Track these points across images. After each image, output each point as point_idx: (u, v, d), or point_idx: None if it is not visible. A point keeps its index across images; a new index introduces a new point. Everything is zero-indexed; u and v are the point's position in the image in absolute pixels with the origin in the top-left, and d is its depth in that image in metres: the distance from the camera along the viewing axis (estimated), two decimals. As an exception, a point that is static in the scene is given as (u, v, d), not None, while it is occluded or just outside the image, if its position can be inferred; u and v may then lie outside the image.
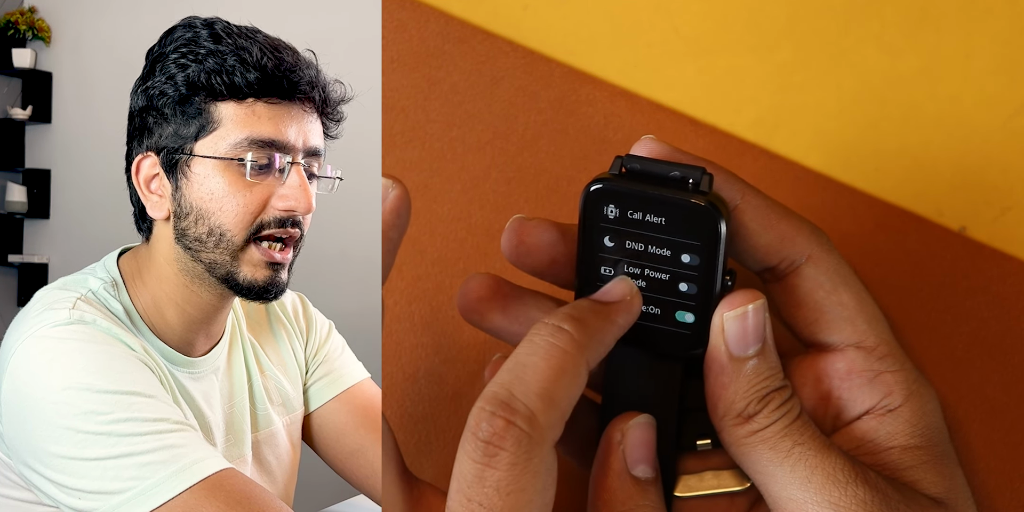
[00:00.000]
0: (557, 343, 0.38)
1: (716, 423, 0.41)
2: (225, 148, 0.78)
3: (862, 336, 0.42)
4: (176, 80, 0.78)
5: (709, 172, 0.40)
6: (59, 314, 0.76)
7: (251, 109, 0.78)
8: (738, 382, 0.40)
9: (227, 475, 0.72)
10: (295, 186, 0.79)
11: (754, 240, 0.41)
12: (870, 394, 0.42)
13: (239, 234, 0.79)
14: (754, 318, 0.40)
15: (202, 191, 0.79)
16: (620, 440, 0.41)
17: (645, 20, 0.55)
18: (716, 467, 0.44)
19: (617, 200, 0.40)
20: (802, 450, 0.40)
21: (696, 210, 0.39)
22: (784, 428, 0.40)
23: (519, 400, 0.37)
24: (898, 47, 0.53)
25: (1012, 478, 0.48)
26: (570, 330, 0.39)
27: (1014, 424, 0.49)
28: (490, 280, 0.42)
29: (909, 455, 0.42)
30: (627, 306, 0.41)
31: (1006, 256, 0.52)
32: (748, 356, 0.40)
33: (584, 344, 0.39)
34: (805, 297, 0.42)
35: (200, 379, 0.86)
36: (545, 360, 0.38)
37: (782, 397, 0.40)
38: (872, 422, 0.42)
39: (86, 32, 3.46)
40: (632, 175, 0.40)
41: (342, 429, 0.98)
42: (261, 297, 0.81)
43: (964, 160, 0.52)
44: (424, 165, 0.55)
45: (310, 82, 0.80)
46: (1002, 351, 0.50)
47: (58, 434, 0.71)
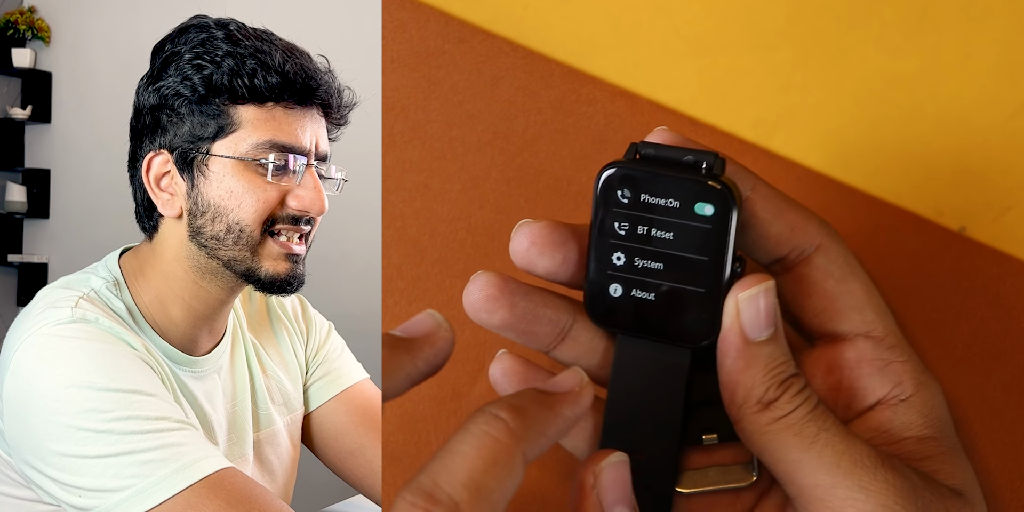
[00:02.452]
0: (491, 432, 0.36)
1: (734, 412, 0.40)
2: (246, 149, 0.79)
3: (871, 326, 0.42)
4: (193, 81, 0.79)
5: (722, 157, 0.40)
6: (61, 312, 0.76)
7: (271, 113, 0.80)
8: (755, 367, 0.40)
9: (227, 474, 0.72)
10: (310, 188, 0.81)
11: (765, 229, 0.41)
12: (881, 383, 0.42)
13: (256, 229, 0.80)
14: (766, 300, 0.40)
15: (220, 189, 0.79)
16: (593, 483, 0.40)
17: (645, 20, 0.55)
18: (721, 462, 0.44)
19: (631, 183, 0.40)
20: (827, 436, 0.39)
21: (709, 191, 0.39)
22: (808, 414, 0.39)
23: (443, 490, 0.35)
24: (898, 47, 0.53)
25: (1012, 478, 0.48)
26: (507, 419, 0.37)
27: (1014, 424, 0.49)
28: (497, 278, 0.42)
29: (924, 446, 0.41)
30: (574, 397, 0.39)
31: (1006, 256, 0.52)
32: (763, 340, 0.40)
33: (521, 435, 0.37)
34: (815, 286, 0.42)
35: (203, 378, 0.86)
36: (476, 449, 0.36)
37: (800, 384, 0.40)
38: (886, 412, 0.42)
39: (86, 32, 3.46)
40: (646, 160, 0.40)
41: (341, 429, 0.98)
42: (283, 290, 0.83)
43: (964, 160, 0.52)
44: (424, 165, 0.55)
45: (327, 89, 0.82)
46: (1002, 351, 0.50)
47: (59, 432, 0.71)
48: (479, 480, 0.35)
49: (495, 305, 0.41)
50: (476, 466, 0.36)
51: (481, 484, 0.35)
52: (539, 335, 0.42)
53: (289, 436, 0.96)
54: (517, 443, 0.37)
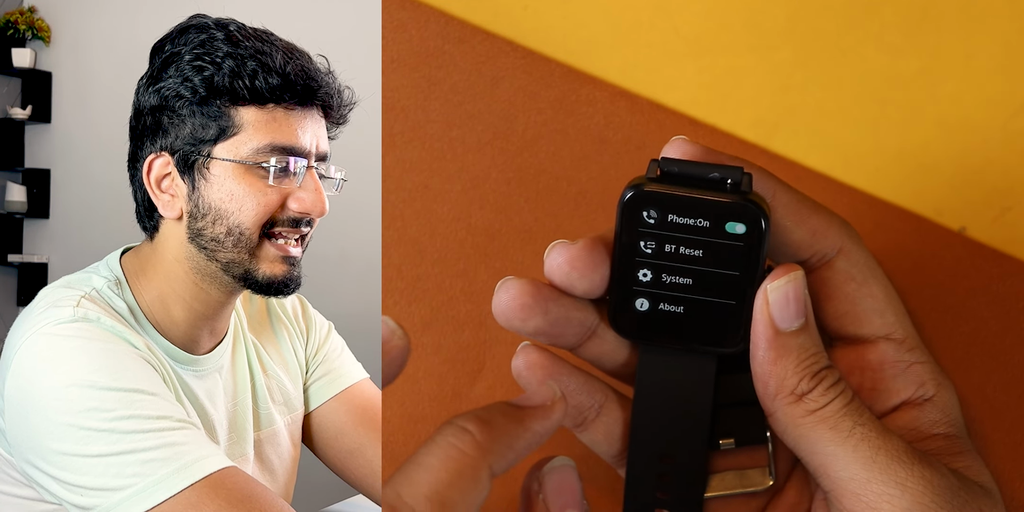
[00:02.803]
0: (457, 444, 0.36)
1: (768, 404, 0.40)
2: (247, 152, 0.79)
3: (891, 328, 0.42)
4: (193, 82, 0.79)
5: (747, 172, 0.40)
6: (63, 312, 0.76)
7: (271, 114, 0.79)
8: (787, 358, 0.40)
9: (228, 473, 0.72)
10: (311, 190, 0.81)
11: (787, 236, 0.41)
12: (904, 384, 0.42)
13: (256, 232, 0.80)
14: (796, 289, 0.40)
15: (222, 192, 0.79)
16: (539, 489, 0.40)
17: (645, 20, 0.55)
18: (738, 466, 0.44)
19: (657, 204, 0.39)
20: (864, 430, 0.39)
21: (740, 210, 0.39)
22: (843, 407, 0.39)
23: (406, 503, 0.35)
24: (898, 47, 0.53)
25: (1012, 478, 0.48)
26: (474, 432, 0.37)
27: (1014, 424, 0.49)
28: (530, 286, 0.41)
29: (952, 443, 0.42)
30: (545, 412, 0.39)
31: (1006, 256, 0.52)
32: (795, 330, 0.40)
33: (487, 448, 0.37)
34: (836, 290, 0.42)
35: (204, 377, 0.86)
36: (442, 461, 0.36)
37: (833, 377, 0.40)
38: (912, 412, 0.42)
39: (86, 32, 3.45)
40: (669, 178, 0.40)
41: (341, 428, 0.98)
42: (281, 292, 0.82)
43: (964, 160, 0.52)
44: (424, 165, 0.55)
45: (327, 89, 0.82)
46: (1002, 351, 0.50)
47: (60, 431, 0.71)
48: (443, 493, 0.35)
49: (529, 313, 0.41)
50: (441, 479, 0.36)
51: (445, 497, 0.35)
52: (568, 337, 0.42)
53: (290, 435, 0.96)
54: (484, 456, 0.37)
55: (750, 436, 0.42)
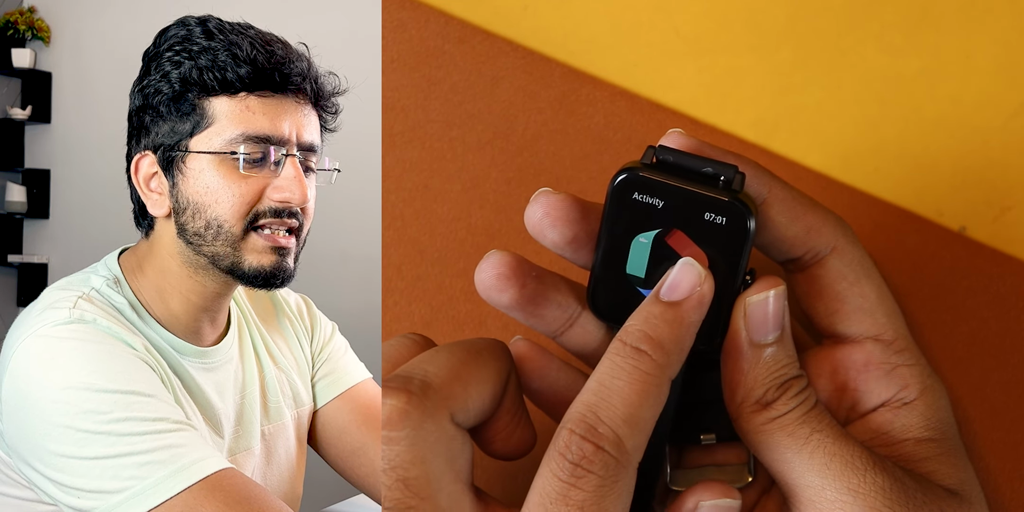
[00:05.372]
0: (640, 366, 0.38)
1: (733, 411, 0.41)
2: (220, 143, 0.78)
3: (881, 329, 0.42)
4: (170, 78, 0.79)
5: (741, 171, 0.40)
6: (59, 313, 0.76)
7: (244, 103, 0.79)
8: (757, 369, 0.40)
9: (226, 475, 0.72)
10: (290, 178, 0.79)
11: (781, 232, 0.41)
12: (886, 387, 0.42)
13: (236, 224, 0.79)
14: (775, 304, 0.40)
15: (197, 185, 0.79)
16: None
17: (645, 20, 0.55)
18: (719, 462, 0.44)
19: (648, 190, 0.40)
20: (820, 437, 0.39)
21: (726, 208, 0.39)
22: (802, 415, 0.40)
23: (606, 425, 0.37)
24: (898, 47, 0.53)
25: (1012, 478, 0.48)
26: (649, 352, 0.38)
27: (1014, 424, 0.49)
28: (510, 257, 0.42)
29: (923, 447, 0.42)
30: (699, 298, 0.39)
31: (1006, 256, 0.52)
32: (767, 343, 0.40)
33: (664, 364, 0.38)
34: (827, 288, 0.42)
35: (215, 369, 0.86)
36: (629, 385, 0.38)
37: (799, 385, 0.40)
38: (887, 414, 0.42)
39: (86, 32, 3.45)
40: (664, 166, 0.40)
41: (344, 428, 0.98)
42: (268, 283, 0.81)
43: (964, 160, 0.52)
44: (424, 165, 0.55)
45: (301, 74, 0.81)
46: (1002, 351, 0.50)
47: (58, 433, 0.71)
48: (636, 415, 0.38)
49: (506, 284, 0.42)
50: (632, 402, 0.38)
51: (638, 418, 0.38)
52: (547, 319, 0.43)
53: (297, 430, 0.96)
54: (663, 372, 0.38)
55: (731, 432, 0.42)
